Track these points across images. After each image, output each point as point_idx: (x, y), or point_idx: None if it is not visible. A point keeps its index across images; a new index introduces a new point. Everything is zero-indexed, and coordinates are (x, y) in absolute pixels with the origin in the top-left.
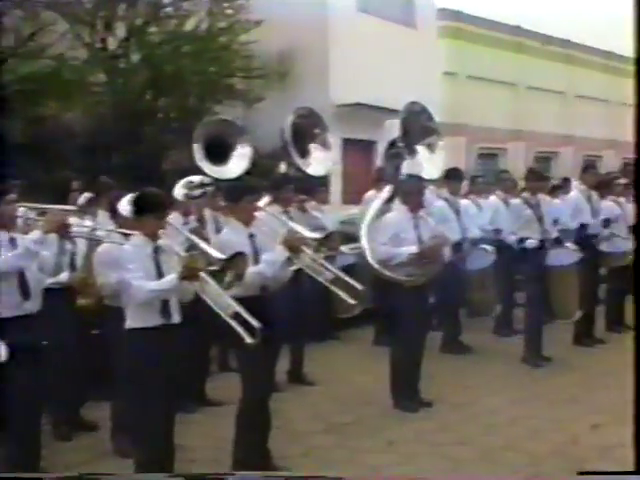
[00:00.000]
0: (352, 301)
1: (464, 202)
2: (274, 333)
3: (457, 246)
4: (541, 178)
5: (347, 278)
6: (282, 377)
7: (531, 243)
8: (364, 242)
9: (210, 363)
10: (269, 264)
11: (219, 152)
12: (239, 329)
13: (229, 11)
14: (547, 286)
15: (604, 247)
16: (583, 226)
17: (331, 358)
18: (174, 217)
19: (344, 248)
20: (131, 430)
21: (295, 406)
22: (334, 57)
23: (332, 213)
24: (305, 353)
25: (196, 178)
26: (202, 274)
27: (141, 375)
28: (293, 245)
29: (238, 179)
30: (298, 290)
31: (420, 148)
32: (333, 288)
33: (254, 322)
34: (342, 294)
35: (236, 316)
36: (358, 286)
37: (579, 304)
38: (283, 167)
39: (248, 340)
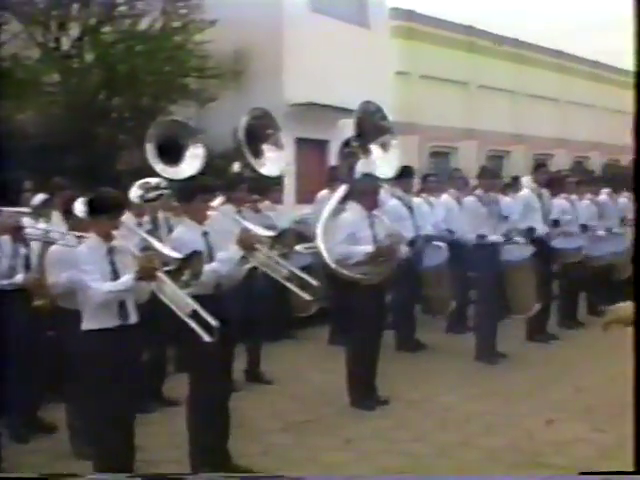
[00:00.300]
0: (308, 297)
1: (417, 200)
2: (229, 332)
3: (411, 244)
4: (494, 176)
5: (302, 275)
6: (239, 376)
7: (497, 238)
8: (320, 241)
9: (166, 363)
10: (224, 262)
11: (172, 152)
12: (197, 328)
13: (183, 11)
14: (503, 282)
15: (556, 244)
16: (532, 229)
17: (287, 357)
18: (127, 218)
19: (299, 247)
20: (90, 432)
21: (253, 405)
22: (288, 57)
23: (286, 213)
24: (261, 352)
25: (153, 180)
26: (159, 273)
27: (99, 376)
28: (247, 243)
29: (191, 179)
30: (253, 289)
31: (374, 147)
32: (289, 285)
33: (212, 321)
34: (298, 291)
35: (193, 315)
36: (314, 282)
37: (537, 298)
38: (237, 167)
39: (206, 338)
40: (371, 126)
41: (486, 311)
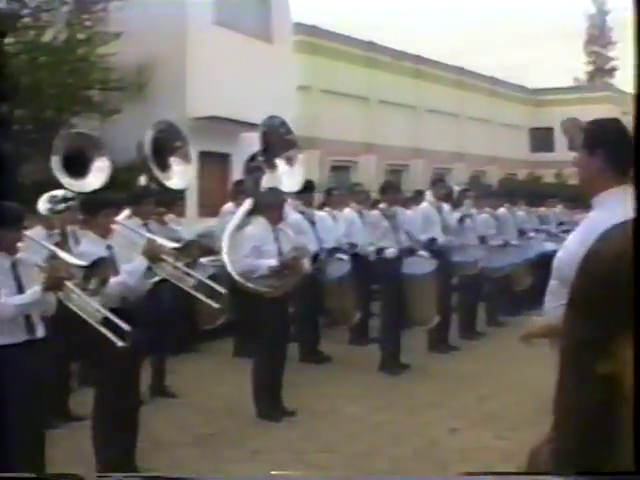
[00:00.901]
0: (217, 305)
1: (320, 214)
2: (136, 345)
3: (314, 257)
4: (397, 190)
5: (210, 283)
6: (145, 390)
7: (391, 252)
8: (225, 254)
9: (70, 377)
10: (130, 274)
11: (78, 165)
12: (108, 334)
13: (88, 23)
14: (405, 294)
15: (454, 257)
16: (433, 239)
17: (192, 370)
18: (37, 230)
19: (204, 260)
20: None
21: (159, 418)
22: (191, 70)
23: (191, 226)
24: (166, 366)
25: (60, 192)
26: (67, 282)
27: (8, 393)
28: (153, 253)
29: (96, 192)
30: (158, 303)
31: (280, 162)
32: (197, 294)
33: (124, 325)
34: (206, 300)
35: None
36: (222, 290)
37: (436, 310)
38: (143, 180)
39: (119, 344)
40: (276, 141)
41: (389, 323)
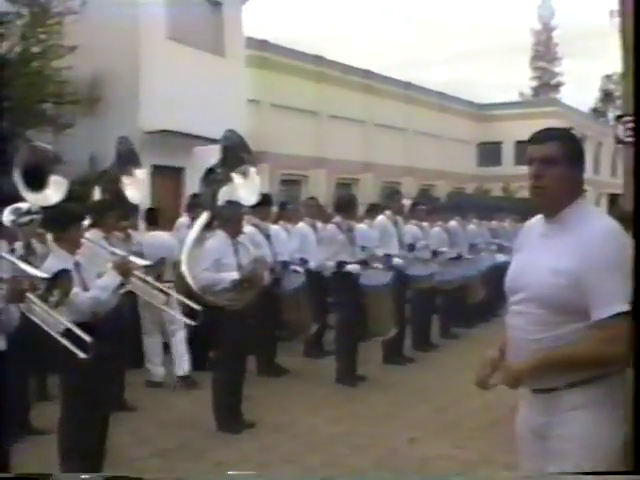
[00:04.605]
0: (190, 322)
1: (274, 227)
2: (105, 357)
3: (271, 270)
4: (354, 205)
5: (186, 300)
6: None
7: (354, 268)
8: (185, 268)
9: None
10: (102, 289)
11: (35, 179)
12: (70, 345)
13: (43, 36)
14: (362, 305)
15: (410, 271)
16: (388, 256)
17: (150, 383)
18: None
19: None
20: None
21: (119, 431)
22: (144, 84)
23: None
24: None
25: (24, 205)
26: (28, 295)
27: None
28: (125, 269)
29: (59, 206)
30: (119, 316)
31: (236, 175)
32: (167, 309)
33: (86, 337)
34: (178, 315)
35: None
36: (195, 306)
37: (394, 321)
38: (97, 193)
39: (81, 355)
40: (235, 154)
41: (346, 335)
